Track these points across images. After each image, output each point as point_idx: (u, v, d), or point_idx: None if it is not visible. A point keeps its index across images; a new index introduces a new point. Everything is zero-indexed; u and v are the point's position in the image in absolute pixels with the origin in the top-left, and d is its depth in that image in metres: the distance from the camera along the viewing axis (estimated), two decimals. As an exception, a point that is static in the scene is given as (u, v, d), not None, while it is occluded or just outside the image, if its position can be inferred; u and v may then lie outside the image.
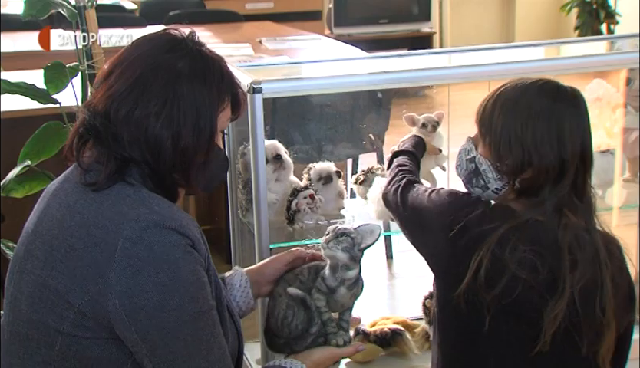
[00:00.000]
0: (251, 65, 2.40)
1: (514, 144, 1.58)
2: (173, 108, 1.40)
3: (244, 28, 5.73)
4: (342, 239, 1.60)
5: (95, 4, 2.25)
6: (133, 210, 1.36)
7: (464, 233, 1.56)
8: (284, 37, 4.94)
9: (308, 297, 1.63)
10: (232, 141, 2.18)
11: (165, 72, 1.41)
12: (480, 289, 1.51)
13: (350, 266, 1.61)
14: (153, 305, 1.33)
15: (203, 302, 1.39)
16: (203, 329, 1.38)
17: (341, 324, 1.67)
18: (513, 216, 1.56)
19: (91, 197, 1.40)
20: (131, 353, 1.37)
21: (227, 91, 1.49)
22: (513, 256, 1.52)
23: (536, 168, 1.58)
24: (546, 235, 1.56)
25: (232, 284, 1.71)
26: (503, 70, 2.07)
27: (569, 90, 1.63)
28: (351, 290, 1.63)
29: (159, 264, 1.33)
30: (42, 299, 1.38)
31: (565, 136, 1.57)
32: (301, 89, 2.14)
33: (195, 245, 1.39)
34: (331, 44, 4.90)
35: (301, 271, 1.67)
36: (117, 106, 1.40)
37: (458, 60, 2.48)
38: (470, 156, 1.68)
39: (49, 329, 1.38)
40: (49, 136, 2.18)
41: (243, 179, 2.15)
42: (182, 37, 1.47)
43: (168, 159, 1.41)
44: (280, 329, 1.65)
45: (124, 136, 1.39)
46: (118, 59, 1.46)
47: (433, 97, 5.64)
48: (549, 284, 1.53)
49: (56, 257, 1.38)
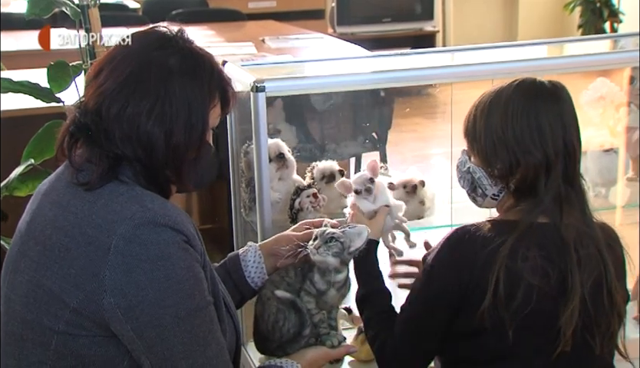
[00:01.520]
0: (254, 64, 2.40)
1: (499, 147, 1.59)
2: (164, 105, 1.40)
3: (247, 27, 5.73)
4: (332, 244, 1.60)
5: (98, 3, 2.25)
6: (126, 208, 1.36)
7: (477, 258, 1.54)
8: (287, 35, 4.94)
9: (297, 300, 1.63)
10: (234, 140, 2.18)
11: (156, 69, 1.41)
12: (501, 305, 1.51)
13: (340, 269, 1.63)
14: (149, 302, 1.33)
15: (200, 298, 1.39)
16: (200, 325, 1.39)
17: (330, 323, 1.67)
18: (516, 226, 1.56)
19: (84, 196, 1.39)
20: (128, 351, 1.37)
21: (217, 88, 1.49)
22: (525, 265, 1.52)
23: (524, 167, 1.58)
24: (552, 236, 1.56)
25: (245, 261, 1.72)
26: (506, 69, 2.07)
27: (546, 85, 1.62)
28: (340, 291, 1.65)
29: (154, 261, 1.33)
30: (37, 299, 1.38)
31: (545, 131, 1.57)
32: (304, 87, 2.14)
33: (190, 241, 1.39)
34: (334, 43, 4.90)
35: (287, 273, 1.68)
36: (108, 104, 1.40)
37: (461, 58, 2.48)
38: (465, 167, 1.69)
39: (44, 329, 1.38)
40: (52, 135, 2.16)
41: (246, 178, 2.15)
42: (172, 35, 1.47)
43: (160, 156, 1.41)
44: (271, 333, 1.65)
45: (116, 133, 1.39)
46: (108, 57, 1.45)
47: (436, 96, 5.62)
48: (561, 287, 1.53)
49: (50, 257, 1.38)
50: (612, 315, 1.57)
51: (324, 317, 1.66)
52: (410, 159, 5.34)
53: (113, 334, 1.36)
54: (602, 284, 1.56)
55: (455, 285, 1.55)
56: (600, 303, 1.56)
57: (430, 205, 2.23)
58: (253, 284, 1.72)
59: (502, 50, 2.51)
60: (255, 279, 1.72)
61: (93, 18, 2.24)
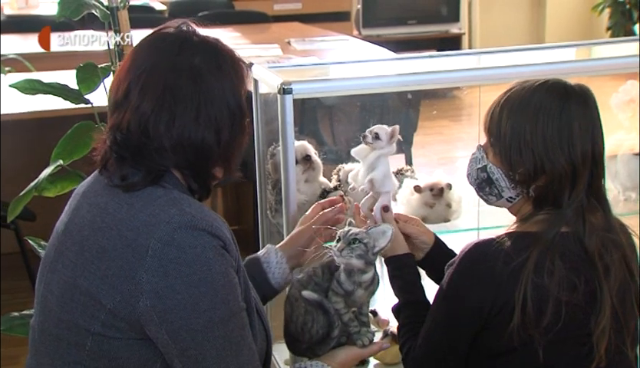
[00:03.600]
0: (280, 66, 2.41)
1: (524, 151, 1.55)
2: (207, 107, 1.42)
3: (272, 29, 5.75)
4: (355, 246, 1.59)
5: (128, 4, 2.27)
6: (164, 211, 1.37)
7: (500, 276, 1.50)
8: (312, 37, 4.95)
9: (325, 301, 1.63)
10: (261, 142, 2.19)
11: (187, 75, 1.42)
12: (530, 324, 1.48)
13: (365, 270, 1.62)
14: (184, 306, 1.34)
15: (234, 304, 1.40)
16: (233, 331, 1.39)
17: (361, 319, 1.66)
18: (538, 239, 1.52)
19: (122, 198, 1.41)
20: (161, 354, 1.38)
21: (238, 70, 1.50)
22: (552, 279, 1.49)
23: (549, 174, 1.54)
24: (575, 246, 1.53)
25: (268, 262, 1.74)
26: (533, 72, 2.05)
27: (576, 89, 1.58)
28: (368, 289, 1.64)
29: (190, 265, 1.34)
30: (73, 299, 1.40)
31: (575, 137, 1.53)
32: (330, 90, 2.15)
33: (226, 246, 1.40)
34: (360, 45, 4.90)
35: (314, 272, 1.67)
36: (154, 122, 1.40)
37: (488, 61, 2.47)
38: (481, 164, 1.64)
39: (80, 329, 1.39)
40: (81, 136, 2.20)
41: (272, 180, 2.16)
42: (184, 34, 1.48)
43: (215, 156, 1.44)
44: (301, 334, 1.65)
45: (167, 148, 1.40)
46: (130, 75, 1.44)
47: (462, 99, 5.62)
48: (589, 297, 1.51)
49: (87, 258, 1.39)
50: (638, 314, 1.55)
51: (353, 315, 1.65)
52: (435, 161, 5.33)
53: (148, 337, 1.37)
54: (628, 285, 1.54)
55: (479, 305, 1.52)
56: (628, 305, 1.54)
57: (456, 208, 2.22)
58: (277, 286, 1.74)
59: (529, 52, 2.50)
60: (279, 280, 1.74)
61: (122, 20, 2.26)
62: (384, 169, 1.88)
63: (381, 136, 1.86)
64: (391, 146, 1.87)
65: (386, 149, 1.87)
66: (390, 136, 1.87)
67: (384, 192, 1.88)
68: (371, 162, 1.89)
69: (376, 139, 1.87)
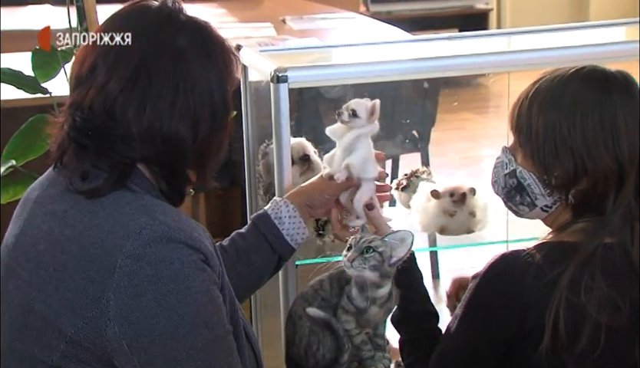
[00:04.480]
0: (274, 49, 2.41)
1: (562, 150, 1.55)
2: (186, 95, 1.42)
3: (264, 5, 5.76)
4: (369, 256, 1.59)
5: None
6: (134, 221, 1.37)
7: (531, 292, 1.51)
8: (312, 15, 4.96)
9: (333, 320, 1.63)
10: (251, 139, 2.19)
11: (167, 55, 1.42)
12: (563, 349, 1.48)
13: (380, 284, 1.62)
14: (159, 332, 1.34)
15: (218, 327, 1.40)
16: (218, 358, 1.39)
17: (376, 342, 1.67)
18: (576, 250, 1.52)
19: (84, 205, 1.40)
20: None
21: (228, 61, 1.50)
22: (590, 298, 1.49)
23: (591, 176, 1.55)
24: (621, 260, 1.53)
25: (279, 218, 1.76)
26: (573, 56, 2.06)
27: (618, 76, 1.59)
28: (384, 306, 1.64)
29: (166, 283, 1.34)
30: (27, 326, 1.40)
31: (620, 133, 1.54)
32: (333, 77, 2.14)
33: (208, 260, 1.40)
34: (368, 24, 4.92)
35: (321, 286, 1.67)
36: (122, 104, 1.40)
37: (519, 43, 2.47)
38: (508, 169, 1.65)
39: (35, 361, 1.39)
40: (37, 132, 2.20)
41: (264, 184, 2.16)
42: (169, 10, 1.48)
43: (188, 152, 1.44)
44: (304, 359, 1.65)
45: (135, 136, 1.40)
46: (99, 47, 1.44)
47: (489, 87, 5.62)
48: (635, 321, 1.51)
49: (43, 276, 1.39)
50: None
51: (367, 338, 1.65)
52: (457, 161, 5.34)
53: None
54: None
55: (504, 325, 1.52)
56: None
57: (481, 217, 2.22)
58: (293, 243, 1.76)
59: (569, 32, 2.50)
60: (295, 236, 1.76)
61: (86, -6, 2.26)
62: (364, 151, 1.85)
63: (359, 112, 1.83)
64: (373, 124, 1.85)
65: (366, 128, 1.85)
66: (371, 113, 1.84)
67: (365, 179, 1.86)
68: (348, 144, 1.85)
69: (353, 117, 1.83)
